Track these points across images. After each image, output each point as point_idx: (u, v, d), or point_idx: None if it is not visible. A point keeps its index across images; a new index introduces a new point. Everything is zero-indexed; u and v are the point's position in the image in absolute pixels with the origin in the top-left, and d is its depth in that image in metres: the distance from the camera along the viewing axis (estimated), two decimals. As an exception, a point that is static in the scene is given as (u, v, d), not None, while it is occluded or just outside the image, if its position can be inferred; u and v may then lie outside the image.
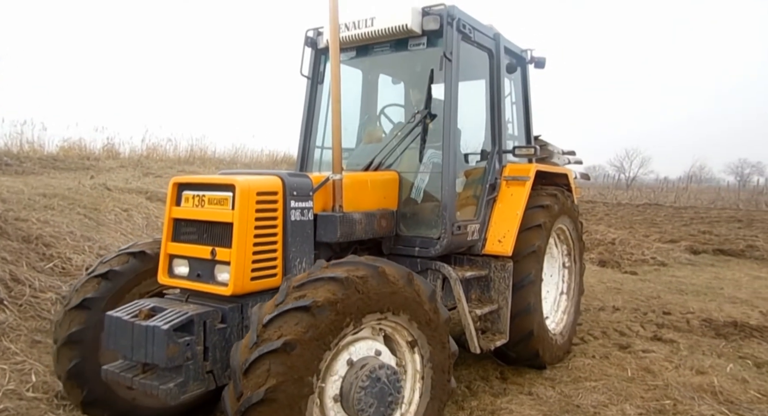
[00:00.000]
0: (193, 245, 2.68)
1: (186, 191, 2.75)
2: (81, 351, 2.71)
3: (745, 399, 3.51)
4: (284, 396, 1.95)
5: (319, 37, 3.90)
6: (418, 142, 3.53)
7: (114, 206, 7.56)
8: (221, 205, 2.58)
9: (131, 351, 2.34)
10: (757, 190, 30.39)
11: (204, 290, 2.61)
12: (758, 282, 7.66)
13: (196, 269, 2.67)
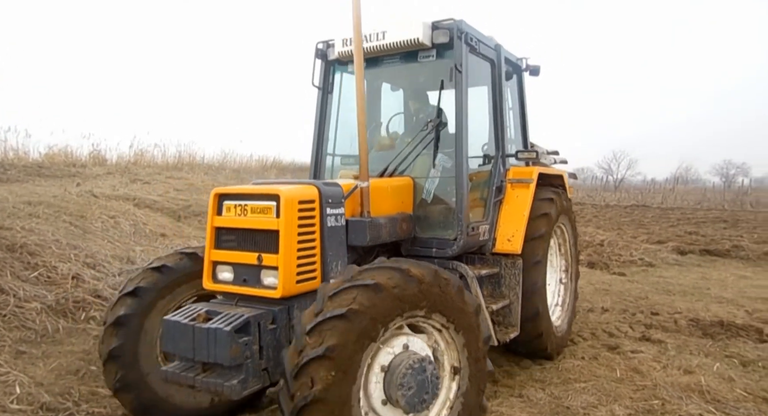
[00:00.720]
0: (238, 251, 2.85)
1: (227, 201, 2.92)
2: (124, 334, 2.89)
3: (732, 398, 3.55)
4: (331, 396, 2.13)
5: (330, 49, 4.03)
6: (430, 148, 3.71)
7: (101, 214, 7.48)
8: (265, 214, 2.76)
9: (192, 352, 2.50)
10: (742, 191, 30.79)
11: (251, 293, 2.76)
12: (744, 282, 7.77)
13: (242, 274, 2.83)
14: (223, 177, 15.34)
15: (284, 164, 24.06)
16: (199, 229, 8.93)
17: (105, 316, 3.01)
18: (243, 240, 2.85)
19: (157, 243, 7.24)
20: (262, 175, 17.77)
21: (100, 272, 5.24)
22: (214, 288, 2.93)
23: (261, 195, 2.82)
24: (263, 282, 2.75)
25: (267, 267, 2.73)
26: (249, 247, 2.81)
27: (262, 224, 2.76)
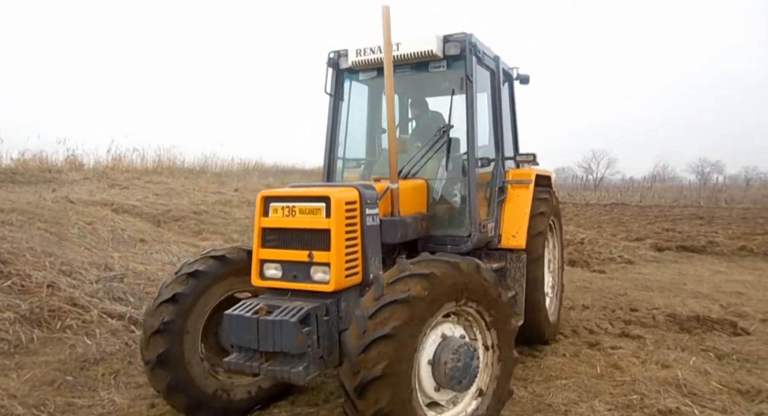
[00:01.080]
0: (286, 250, 3.03)
1: (273, 203, 3.09)
2: (169, 339, 3.02)
3: (708, 391, 3.62)
4: (394, 372, 2.40)
5: (342, 59, 4.25)
6: (442, 152, 3.97)
7: (77, 220, 7.34)
8: (314, 214, 2.97)
9: (257, 343, 2.69)
10: (716, 188, 31.58)
11: (302, 288, 2.97)
12: (718, 277, 7.95)
13: (291, 271, 3.01)
14: (204, 181, 15.15)
15: (266, 167, 23.90)
16: (180, 234, 8.82)
17: (145, 324, 3.12)
18: (291, 239, 3.03)
19: (136, 249, 7.13)
20: (244, 178, 17.61)
21: (77, 280, 5.14)
22: (263, 285, 3.10)
23: (310, 197, 3.01)
24: (313, 278, 2.95)
25: (318, 264, 2.93)
26: (298, 245, 3.00)
27: (313, 223, 2.96)
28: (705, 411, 3.30)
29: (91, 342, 4.17)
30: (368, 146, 4.72)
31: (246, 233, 9.69)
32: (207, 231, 9.24)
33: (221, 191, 13.14)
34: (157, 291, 3.22)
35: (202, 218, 9.89)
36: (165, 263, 6.62)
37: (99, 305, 4.72)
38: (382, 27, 3.35)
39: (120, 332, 4.45)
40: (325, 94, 4.31)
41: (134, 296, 5.11)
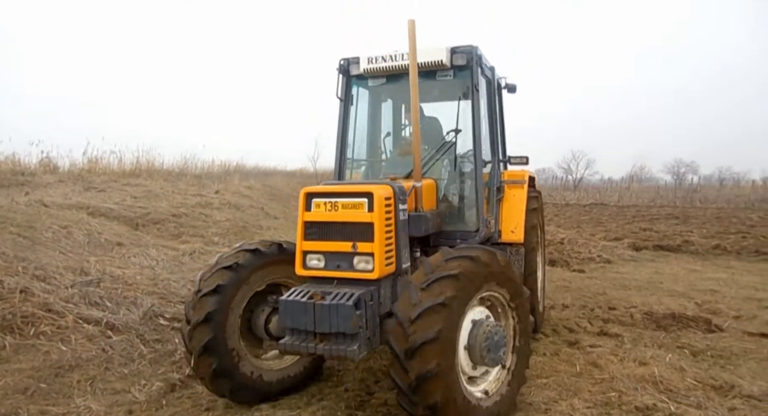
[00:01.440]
0: (329, 242, 3.28)
1: (316, 199, 3.33)
2: (213, 329, 3.24)
3: (683, 387, 3.70)
4: (444, 337, 2.72)
5: (352, 66, 4.45)
6: (450, 153, 4.29)
7: (51, 224, 7.17)
8: (356, 208, 3.22)
9: (313, 325, 2.99)
10: (691, 188, 32.34)
11: (346, 277, 3.23)
12: (693, 275, 8.14)
13: (334, 261, 3.27)
14: (184, 183, 14.94)
15: (248, 169, 23.70)
16: (159, 237, 8.68)
17: (187, 315, 3.33)
18: (334, 232, 3.27)
19: (113, 253, 7.00)
20: (225, 179, 17.42)
21: (51, 285, 5.02)
22: (306, 274, 3.36)
23: (352, 193, 3.28)
24: (356, 267, 3.21)
25: (361, 254, 3.20)
26: (341, 237, 3.25)
27: (356, 217, 3.21)
28: (680, 406, 3.37)
29: (66, 348, 4.08)
30: (372, 148, 4.95)
31: (227, 236, 9.59)
32: (187, 234, 9.12)
33: (201, 193, 12.98)
34: (196, 284, 3.43)
35: (181, 221, 9.75)
36: (143, 267, 6.52)
37: (74, 310, 4.62)
38: (408, 38, 3.66)
39: (96, 337, 4.35)
40: (337, 98, 4.54)
41: (111, 300, 5.00)
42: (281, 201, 16.74)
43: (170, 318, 4.96)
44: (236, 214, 11.62)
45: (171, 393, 3.67)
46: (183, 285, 5.93)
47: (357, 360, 3.04)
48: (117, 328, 4.53)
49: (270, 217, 12.81)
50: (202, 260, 7.49)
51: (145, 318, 4.82)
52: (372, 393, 3.66)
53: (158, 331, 4.71)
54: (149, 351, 4.32)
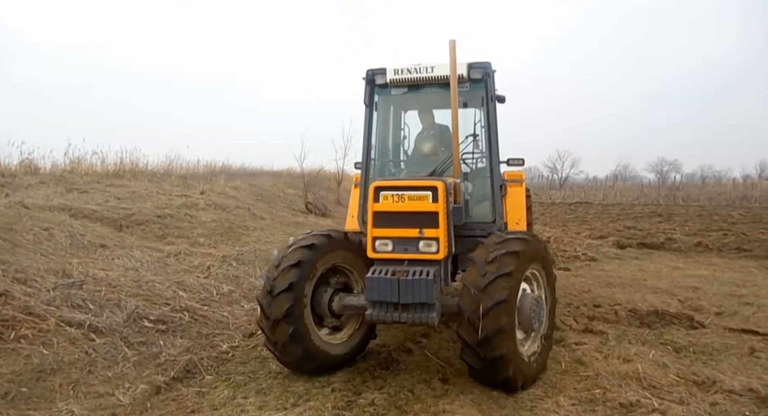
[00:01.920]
0: (396, 228, 3.82)
1: (383, 192, 3.86)
2: (293, 298, 3.68)
3: (666, 383, 3.76)
4: (510, 300, 3.46)
5: (377, 76, 4.88)
6: (468, 153, 4.90)
7: (32, 226, 7.05)
8: (422, 200, 3.80)
9: (397, 297, 3.56)
10: (674, 186, 32.82)
11: (413, 258, 3.79)
12: (676, 272, 8.26)
13: (403, 245, 3.82)
14: (168, 184, 14.77)
15: (233, 169, 23.51)
16: (143, 238, 8.58)
17: (272, 284, 3.73)
18: (401, 220, 3.82)
19: (96, 255, 6.91)
20: (210, 180, 17.26)
21: (32, 288, 4.93)
22: (376, 256, 3.88)
23: (418, 187, 3.85)
24: (421, 249, 3.78)
25: (427, 238, 3.77)
26: (407, 225, 3.80)
27: (422, 207, 3.79)
28: (663, 402, 3.42)
29: (48, 352, 4.01)
30: (394, 150, 5.48)
31: (212, 237, 9.51)
32: (172, 235, 9.02)
33: (186, 194, 12.85)
34: (276, 259, 3.86)
35: (166, 222, 9.65)
36: (127, 269, 6.43)
37: (56, 313, 4.54)
38: (449, 57, 4.20)
39: (79, 340, 4.29)
40: (364, 105, 5.01)
41: (94, 303, 4.93)
42: (268, 201, 16.64)
43: (155, 320, 4.90)
44: (222, 215, 11.53)
45: (156, 396, 3.63)
46: (168, 287, 5.87)
47: (435, 324, 3.64)
48: (100, 331, 4.47)
49: (256, 218, 12.73)
50: (187, 261, 7.42)
51: (129, 320, 4.76)
52: (359, 392, 3.65)
53: (142, 333, 4.66)
54: (133, 353, 4.27)
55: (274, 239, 10.19)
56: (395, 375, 3.99)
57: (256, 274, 7.32)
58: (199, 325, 5.10)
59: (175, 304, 5.38)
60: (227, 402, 3.53)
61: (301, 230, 12.25)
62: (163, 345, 4.50)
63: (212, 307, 5.65)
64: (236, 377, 3.98)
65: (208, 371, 4.08)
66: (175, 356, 4.30)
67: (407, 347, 4.62)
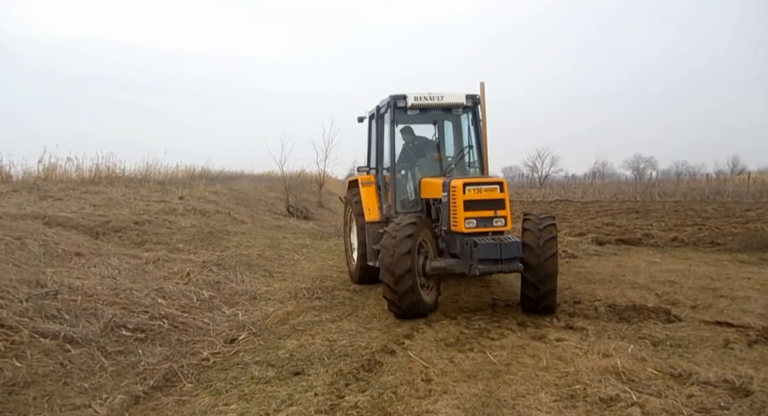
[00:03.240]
0: (480, 211, 5.57)
1: (468, 187, 5.58)
2: (410, 259, 5.26)
3: (644, 377, 3.82)
4: (557, 253, 5.58)
5: (398, 101, 6.64)
6: (463, 160, 7.15)
7: (4, 235, 6.87)
8: (493, 191, 5.61)
9: (500, 254, 5.24)
10: (650, 183, 33.50)
11: (490, 230, 5.57)
12: (654, 267, 8.43)
13: (483, 222, 5.57)
14: (146, 190, 14.52)
15: (213, 174, 23.22)
16: (120, 246, 8.42)
17: (394, 250, 5.22)
18: (481, 205, 5.58)
19: (71, 263, 6.75)
20: (189, 185, 17.03)
21: (4, 299, 4.79)
22: (466, 230, 5.54)
23: (490, 182, 5.70)
24: (495, 225, 5.60)
25: (499, 217, 5.60)
26: (485, 208, 5.59)
27: (495, 195, 5.62)
28: (642, 396, 3.48)
29: (21, 365, 3.89)
30: (406, 156, 7.31)
31: (192, 242, 9.38)
32: (150, 242, 8.88)
33: (165, 200, 12.66)
34: (391, 234, 5.36)
35: (144, 228, 9.49)
36: (104, 277, 6.30)
37: (30, 324, 4.41)
38: (480, 97, 6.64)
39: (54, 351, 4.17)
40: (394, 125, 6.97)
41: (69, 313, 4.81)
42: (249, 205, 16.48)
43: (133, 329, 4.81)
44: (202, 220, 11.38)
45: (134, 406, 3.56)
46: (146, 294, 5.77)
47: (521, 271, 5.40)
48: (76, 341, 4.36)
49: (237, 222, 12.60)
50: (166, 268, 7.31)
51: (106, 330, 4.66)
52: (342, 395, 3.64)
53: (120, 342, 4.56)
54: (111, 363, 4.18)
55: (256, 244, 10.10)
56: (378, 377, 3.99)
57: (237, 279, 7.24)
58: (179, 332, 5.02)
59: (154, 312, 5.28)
60: (208, 410, 3.48)
61: (283, 233, 12.17)
62: (141, 354, 4.41)
63: (192, 314, 5.57)
64: (217, 384, 3.93)
65: (189, 379, 4.02)
66: (154, 364, 4.23)
67: (390, 348, 4.62)
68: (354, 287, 7.30)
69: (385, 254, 5.27)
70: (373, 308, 6.16)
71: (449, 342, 4.79)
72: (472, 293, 6.76)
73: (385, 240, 5.42)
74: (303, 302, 6.41)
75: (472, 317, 5.66)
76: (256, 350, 4.69)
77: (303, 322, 5.53)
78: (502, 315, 5.71)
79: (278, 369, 4.19)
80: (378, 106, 7.39)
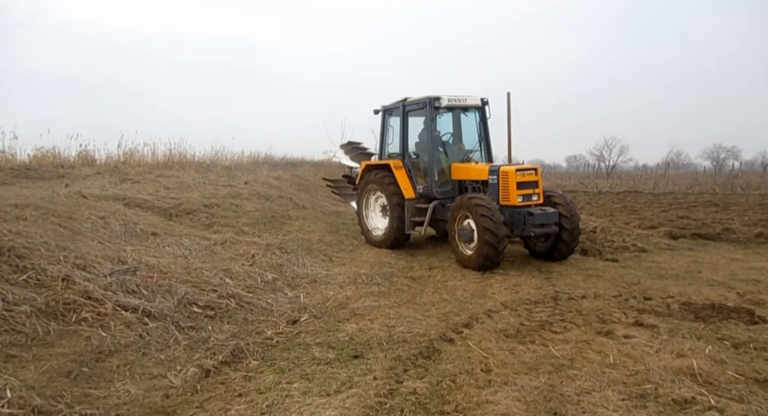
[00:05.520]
0: (527, 190, 7.63)
1: (519, 172, 7.58)
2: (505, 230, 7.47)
3: (724, 380, 3.57)
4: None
5: (435, 101, 8.46)
6: (477, 150, 9.05)
7: (90, 214, 7.42)
8: (533, 175, 7.73)
9: (547, 221, 7.45)
10: (732, 174, 31.02)
11: (531, 204, 7.66)
12: (734, 264, 7.83)
13: (528, 197, 7.63)
14: (214, 174, 15.23)
15: (275, 160, 23.94)
16: (191, 227, 8.88)
17: (497, 219, 7.12)
18: (526, 185, 7.61)
19: (148, 242, 7.20)
20: (254, 171, 17.67)
21: (91, 274, 5.19)
22: (518, 204, 7.52)
23: (530, 168, 7.76)
24: (533, 199, 7.66)
25: (535, 193, 7.70)
26: (529, 188, 7.65)
27: (533, 179, 7.71)
28: (721, 400, 3.26)
29: (106, 334, 4.22)
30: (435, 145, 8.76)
31: (256, 226, 9.74)
32: (218, 224, 9.30)
33: (231, 184, 13.20)
34: (489, 212, 7.11)
35: (212, 211, 9.95)
36: (177, 256, 6.68)
37: (113, 298, 4.77)
38: (506, 106, 10.07)
39: (134, 324, 4.49)
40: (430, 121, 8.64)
41: (147, 288, 5.15)
42: (309, 191, 16.88)
43: (203, 306, 5.08)
44: (265, 204, 11.78)
45: (205, 379, 3.77)
46: (215, 274, 6.06)
47: (557, 232, 7.61)
48: (153, 315, 4.67)
49: (298, 207, 12.94)
50: (233, 249, 7.64)
51: (179, 306, 4.95)
52: (401, 381, 3.67)
53: (192, 318, 4.83)
54: (184, 337, 4.44)
55: (316, 228, 10.33)
56: (437, 365, 3.98)
57: (299, 262, 7.45)
58: (245, 311, 5.25)
59: (222, 291, 5.55)
60: (273, 387, 3.63)
61: (342, 219, 12.38)
62: (211, 330, 4.66)
63: (257, 294, 5.80)
64: (281, 362, 4.08)
65: (254, 356, 4.20)
66: (223, 341, 4.45)
67: (449, 337, 4.60)
68: (412, 275, 7.32)
69: (492, 226, 7.02)
70: (431, 296, 6.15)
71: (509, 333, 4.70)
72: (533, 284, 6.58)
73: (488, 218, 7.09)
74: (362, 287, 6.51)
75: (534, 309, 5.52)
76: (317, 332, 4.82)
77: (362, 307, 5.62)
78: (564, 308, 5.52)
79: (338, 352, 4.29)
80: (404, 103, 9.06)
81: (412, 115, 9.08)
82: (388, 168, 9.04)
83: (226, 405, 3.38)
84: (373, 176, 9.37)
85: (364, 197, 9.76)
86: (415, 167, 8.95)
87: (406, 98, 9.13)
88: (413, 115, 9.09)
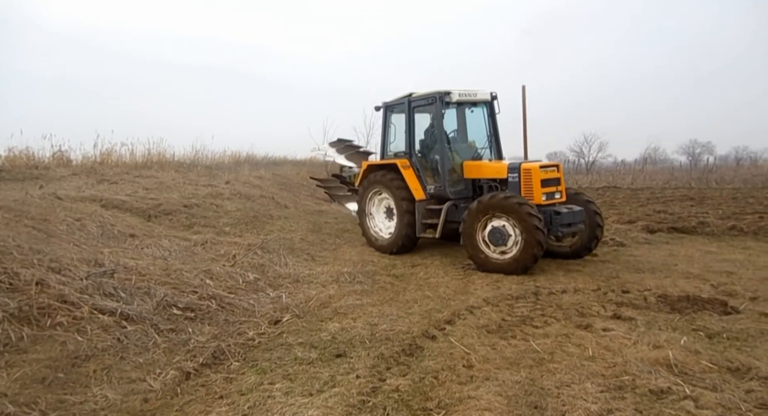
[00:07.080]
0: (550, 188, 7.32)
1: (542, 169, 7.23)
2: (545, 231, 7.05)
3: (698, 370, 3.66)
4: None
5: (445, 97, 7.96)
6: (487, 147, 8.63)
7: (65, 216, 7.26)
8: (555, 172, 7.47)
9: (574, 219, 7.19)
10: (707, 169, 31.74)
11: (557, 202, 7.36)
12: (709, 257, 8.01)
13: (551, 196, 7.30)
14: (195, 174, 15.03)
15: (257, 159, 23.72)
16: (171, 228, 8.76)
17: (536, 231, 6.64)
18: (549, 183, 7.32)
19: (126, 244, 7.08)
20: (235, 170, 17.49)
21: (66, 277, 5.08)
22: (543, 203, 7.15)
23: (552, 165, 7.52)
24: (555, 197, 7.35)
25: (558, 191, 7.42)
26: (552, 185, 7.36)
27: (556, 175, 7.45)
28: (696, 389, 3.33)
29: (82, 339, 4.14)
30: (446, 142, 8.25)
31: (238, 226, 9.65)
32: (198, 225, 9.19)
33: (212, 184, 13.05)
34: (532, 210, 6.70)
35: (193, 212, 9.82)
36: (156, 258, 6.58)
37: (89, 301, 4.67)
38: (522, 100, 8.23)
39: (111, 328, 4.41)
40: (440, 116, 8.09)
41: (125, 291, 5.06)
42: (291, 190, 16.77)
43: (183, 308, 5.01)
44: (246, 204, 11.67)
45: (186, 382, 3.72)
46: (195, 275, 5.99)
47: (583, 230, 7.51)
48: (131, 318, 4.59)
49: (281, 206, 12.85)
50: (213, 250, 7.55)
51: (158, 308, 4.88)
52: (384, 379, 3.67)
53: (172, 320, 4.77)
54: (163, 340, 4.38)
55: (298, 228, 10.28)
56: (419, 361, 4.00)
57: (281, 262, 7.40)
58: (226, 312, 5.19)
59: (202, 292, 5.48)
60: (254, 388, 3.60)
61: (324, 218, 12.32)
62: (191, 332, 4.60)
63: (238, 295, 5.74)
64: (263, 363, 4.05)
65: (236, 357, 4.16)
66: (204, 343, 4.40)
67: (431, 334, 4.62)
68: (394, 272, 7.33)
69: (542, 225, 6.71)
70: (414, 293, 6.17)
71: (491, 328, 4.74)
72: (514, 280, 6.64)
73: (536, 217, 6.68)
74: (344, 286, 6.49)
75: (515, 304, 5.57)
76: (299, 331, 4.79)
77: (345, 305, 5.61)
78: (545, 303, 5.59)
79: (321, 351, 4.28)
80: (409, 99, 8.48)
81: (418, 111, 8.51)
82: (395, 168, 8.46)
83: (207, 408, 3.35)
84: (377, 176, 8.80)
85: (366, 198, 9.14)
86: (423, 167, 8.39)
87: (411, 94, 8.51)
88: (419, 111, 8.53)
